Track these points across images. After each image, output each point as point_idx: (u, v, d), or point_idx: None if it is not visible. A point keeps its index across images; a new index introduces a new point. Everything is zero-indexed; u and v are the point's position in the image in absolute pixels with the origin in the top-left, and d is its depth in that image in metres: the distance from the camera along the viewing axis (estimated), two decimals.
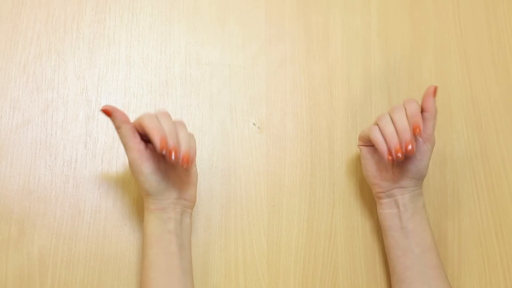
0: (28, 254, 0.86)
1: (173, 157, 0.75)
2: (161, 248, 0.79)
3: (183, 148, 0.77)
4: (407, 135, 0.80)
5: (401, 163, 0.85)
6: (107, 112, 0.78)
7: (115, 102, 0.94)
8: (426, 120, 0.84)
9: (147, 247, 0.79)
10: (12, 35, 0.95)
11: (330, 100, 0.99)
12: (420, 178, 0.85)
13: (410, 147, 0.79)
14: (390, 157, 0.81)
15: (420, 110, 0.83)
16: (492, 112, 1.02)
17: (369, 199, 0.95)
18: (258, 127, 0.96)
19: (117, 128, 0.79)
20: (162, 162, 0.80)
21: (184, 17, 1.00)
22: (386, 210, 0.87)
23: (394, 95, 1.00)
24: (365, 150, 0.88)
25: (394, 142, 0.81)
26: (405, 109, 0.83)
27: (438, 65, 1.04)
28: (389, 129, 0.82)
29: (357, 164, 0.96)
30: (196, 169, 0.85)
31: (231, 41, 1.00)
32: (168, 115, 0.80)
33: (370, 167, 0.88)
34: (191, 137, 0.81)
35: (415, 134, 0.80)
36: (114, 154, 0.91)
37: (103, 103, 0.94)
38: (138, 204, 0.89)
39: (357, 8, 1.05)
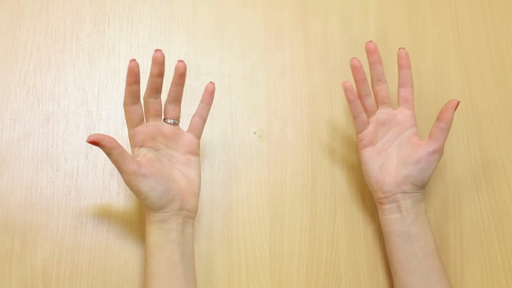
0: (31, 267, 0.86)
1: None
2: (163, 258, 0.78)
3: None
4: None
5: (405, 168, 0.85)
6: (95, 142, 0.76)
7: (116, 113, 0.94)
8: (441, 131, 0.85)
9: (149, 257, 0.79)
10: (12, 47, 0.96)
11: (330, 107, 0.99)
12: (422, 186, 0.86)
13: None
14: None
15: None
16: (492, 116, 1.02)
17: (370, 205, 0.95)
18: (259, 135, 0.96)
19: (108, 154, 0.77)
20: (160, 177, 0.80)
21: (183, 27, 1.01)
22: (388, 215, 0.87)
23: (394, 101, 1.00)
24: (366, 154, 0.88)
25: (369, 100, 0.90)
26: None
27: (437, 70, 1.04)
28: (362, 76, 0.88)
29: (358, 171, 0.96)
30: (200, 179, 0.85)
31: (230, 50, 1.01)
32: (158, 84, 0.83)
33: (372, 172, 0.88)
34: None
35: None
36: None
37: (104, 114, 0.94)
38: (140, 214, 0.90)
39: (355, 15, 1.05)
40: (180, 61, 0.82)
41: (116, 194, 0.90)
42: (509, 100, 1.03)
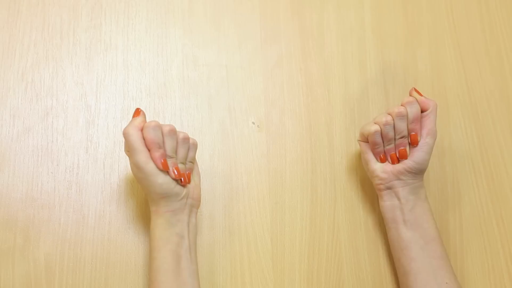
0: (34, 261, 0.86)
1: (173, 176, 0.79)
2: (169, 251, 0.79)
3: (181, 169, 0.81)
4: (404, 145, 0.86)
5: None
6: (138, 112, 0.80)
7: (115, 107, 0.94)
8: (426, 116, 0.86)
9: (155, 250, 0.79)
10: (9, 43, 0.96)
11: (328, 96, 1.00)
12: (420, 172, 0.86)
13: (404, 155, 0.87)
14: (382, 161, 0.88)
15: (420, 110, 0.86)
16: (488, 102, 1.02)
17: (370, 193, 0.95)
18: (257, 126, 0.97)
19: (129, 130, 0.78)
20: None
21: (179, 20, 1.01)
22: (387, 201, 0.87)
23: (391, 88, 1.01)
24: (364, 144, 0.89)
25: (391, 148, 0.87)
26: (407, 111, 0.85)
27: (432, 57, 1.04)
28: (390, 136, 0.86)
29: (357, 159, 0.97)
30: (198, 169, 0.86)
31: (227, 41, 1.01)
32: (173, 132, 0.80)
33: (370, 160, 0.89)
34: (192, 148, 0.84)
35: (412, 144, 0.86)
36: (115, 159, 0.92)
37: (103, 108, 0.94)
38: (142, 207, 0.90)
39: (351, 4, 1.06)
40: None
41: (117, 187, 0.91)
42: (505, 85, 1.04)
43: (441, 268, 0.83)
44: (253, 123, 0.97)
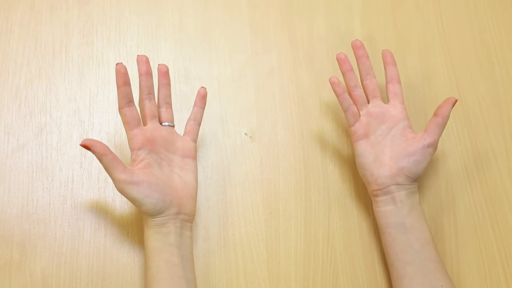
0: (31, 276, 0.86)
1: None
2: (162, 260, 0.79)
3: (165, 115, 0.88)
4: (374, 84, 0.94)
5: (400, 160, 0.87)
6: (86, 146, 0.77)
7: (108, 121, 0.95)
8: (437, 125, 0.87)
9: (149, 260, 0.80)
10: (2, 62, 0.97)
11: (319, 105, 1.00)
12: (415, 178, 0.87)
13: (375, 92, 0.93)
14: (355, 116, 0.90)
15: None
16: (480, 107, 1.03)
17: (364, 200, 0.95)
18: (250, 136, 0.97)
19: (99, 160, 0.78)
20: (154, 184, 0.80)
21: (170, 34, 1.02)
22: (383, 207, 0.87)
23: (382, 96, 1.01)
24: (360, 147, 0.89)
25: (358, 94, 0.93)
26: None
27: (423, 65, 1.05)
28: (350, 75, 0.93)
29: (350, 166, 0.97)
30: (197, 183, 0.86)
31: (218, 54, 1.02)
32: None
33: (366, 165, 0.89)
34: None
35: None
36: None
37: (96, 123, 0.95)
38: (137, 219, 0.90)
39: (340, 14, 1.07)
40: (160, 64, 0.87)
41: (111, 201, 0.91)
42: (496, 90, 1.04)
43: (436, 271, 0.83)
44: (246, 134, 0.97)
